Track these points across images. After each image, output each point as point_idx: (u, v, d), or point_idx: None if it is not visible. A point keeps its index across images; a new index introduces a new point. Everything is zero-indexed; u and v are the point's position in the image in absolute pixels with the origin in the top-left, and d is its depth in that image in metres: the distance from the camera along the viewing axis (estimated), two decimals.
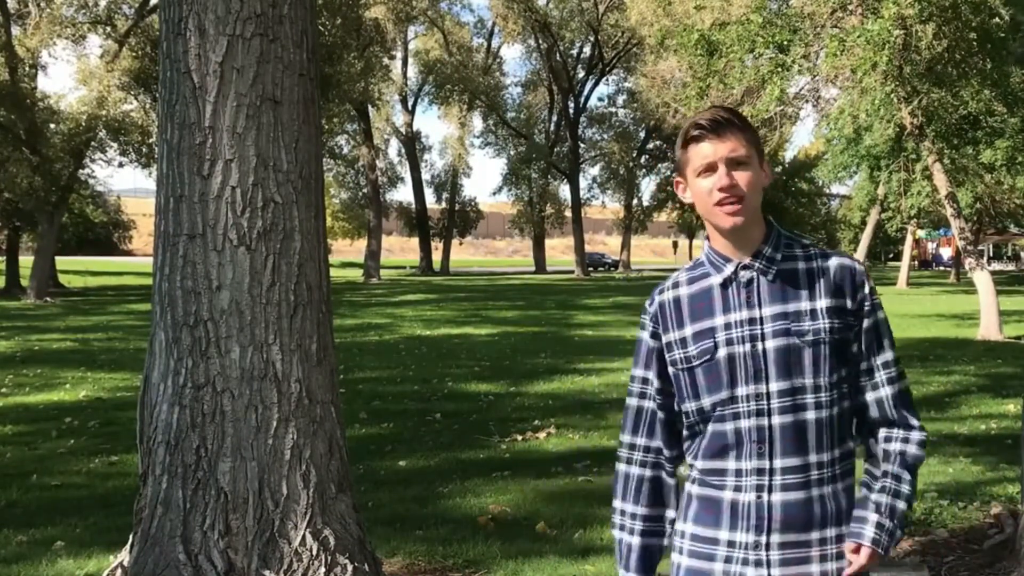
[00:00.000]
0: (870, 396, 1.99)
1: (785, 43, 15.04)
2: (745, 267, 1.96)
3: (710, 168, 1.92)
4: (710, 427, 1.97)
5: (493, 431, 8.15)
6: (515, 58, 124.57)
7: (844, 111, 15.73)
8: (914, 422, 2.01)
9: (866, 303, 1.98)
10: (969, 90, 15.82)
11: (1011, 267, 65.89)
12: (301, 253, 3.79)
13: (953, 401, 9.54)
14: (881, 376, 1.99)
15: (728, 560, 1.94)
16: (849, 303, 1.96)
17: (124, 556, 3.82)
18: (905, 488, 1.96)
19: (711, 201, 1.93)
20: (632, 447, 2.10)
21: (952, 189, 17.57)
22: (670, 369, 2.02)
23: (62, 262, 39.13)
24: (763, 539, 1.91)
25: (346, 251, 66.55)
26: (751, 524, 1.92)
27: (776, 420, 1.91)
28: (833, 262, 1.98)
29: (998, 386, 10.48)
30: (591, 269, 56.97)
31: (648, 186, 57.86)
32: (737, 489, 1.93)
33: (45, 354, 13.93)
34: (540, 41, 51.27)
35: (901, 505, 1.96)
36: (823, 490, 1.93)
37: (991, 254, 59.37)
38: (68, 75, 76.75)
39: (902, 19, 13.96)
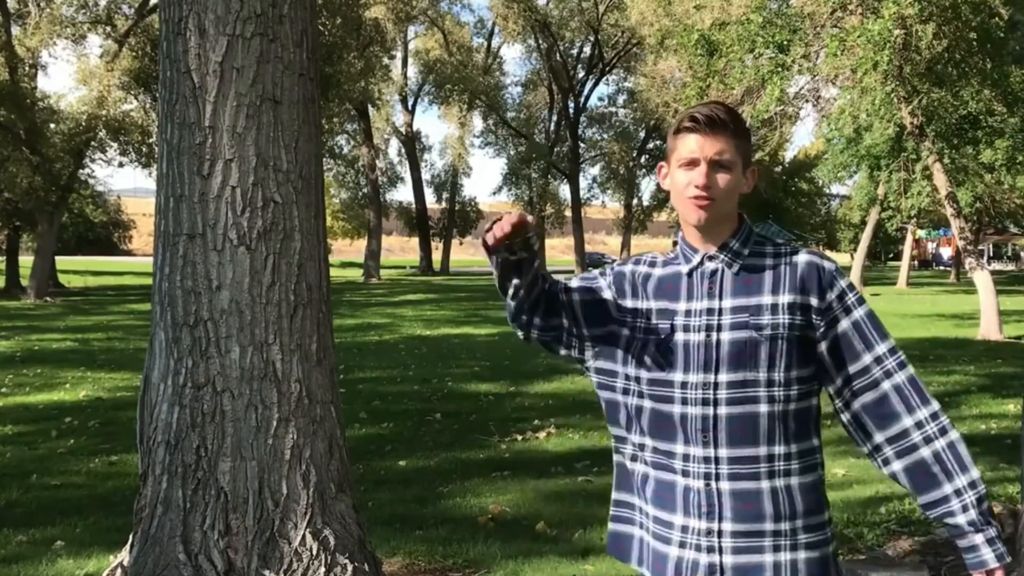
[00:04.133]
0: (872, 395, 1.94)
1: (785, 43, 15.04)
2: (711, 258, 1.98)
3: (692, 163, 1.94)
4: (650, 404, 1.98)
5: (493, 431, 8.15)
6: (515, 58, 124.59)
7: (844, 111, 15.73)
8: (935, 404, 1.94)
9: (845, 299, 1.96)
10: (969, 90, 15.82)
11: (1011, 267, 65.88)
12: (301, 253, 3.79)
13: (953, 401, 9.54)
14: (879, 370, 1.94)
15: (682, 545, 1.94)
16: (815, 301, 1.94)
17: (124, 556, 3.82)
18: (979, 489, 1.89)
19: (685, 194, 1.95)
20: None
21: (952, 189, 17.57)
22: (614, 327, 2.04)
23: (62, 262, 39.14)
24: (715, 526, 1.91)
25: (346, 251, 66.55)
26: (702, 511, 1.92)
27: (723, 410, 1.91)
28: (801, 259, 1.98)
29: (998, 386, 10.49)
30: (591, 269, 56.88)
31: (648, 186, 57.84)
32: (686, 474, 1.94)
33: (45, 354, 13.93)
34: (540, 41, 51.25)
35: (987, 505, 1.90)
36: (776, 483, 1.91)
37: (991, 254, 59.36)
38: (68, 75, 76.79)
39: (902, 19, 13.96)
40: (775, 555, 1.90)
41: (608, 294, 2.08)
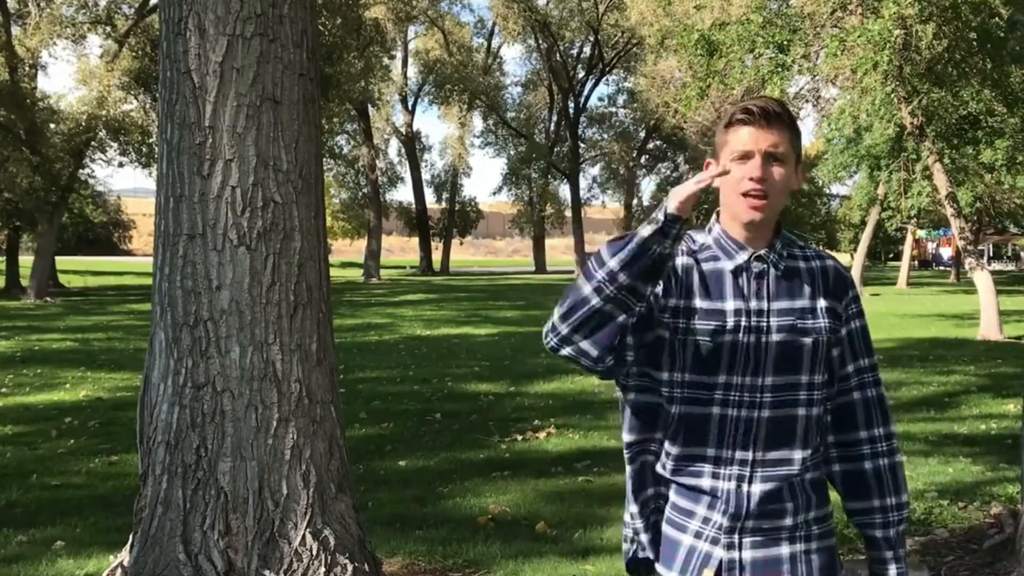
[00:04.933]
0: (852, 397, 2.01)
1: (785, 43, 15.03)
2: (759, 258, 1.94)
3: (746, 156, 1.89)
4: (688, 409, 1.94)
5: (493, 431, 8.15)
6: (515, 58, 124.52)
7: (844, 111, 15.74)
8: (893, 428, 2.05)
9: (851, 308, 2.00)
10: (969, 90, 15.82)
11: (1011, 267, 65.86)
12: (301, 253, 3.79)
13: (953, 401, 9.54)
14: (856, 381, 2.01)
15: (698, 535, 1.95)
16: (840, 307, 1.98)
17: (124, 556, 3.82)
18: (904, 513, 2.02)
19: (739, 189, 1.89)
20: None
21: (952, 189, 17.56)
22: (659, 331, 1.95)
23: (62, 262, 39.13)
24: (738, 524, 1.92)
25: (346, 251, 66.52)
26: (728, 511, 1.93)
27: (766, 413, 1.91)
28: (829, 264, 2.00)
29: (998, 386, 10.48)
30: None
31: (648, 186, 57.84)
32: (716, 476, 1.93)
33: (45, 354, 13.93)
34: (540, 41, 51.24)
35: (903, 527, 2.03)
36: (800, 484, 1.96)
37: (991, 254, 59.34)
38: (68, 75, 76.79)
39: (902, 19, 13.96)
40: (791, 546, 1.94)
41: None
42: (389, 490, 6.15)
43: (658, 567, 2.03)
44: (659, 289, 1.92)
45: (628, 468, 2.05)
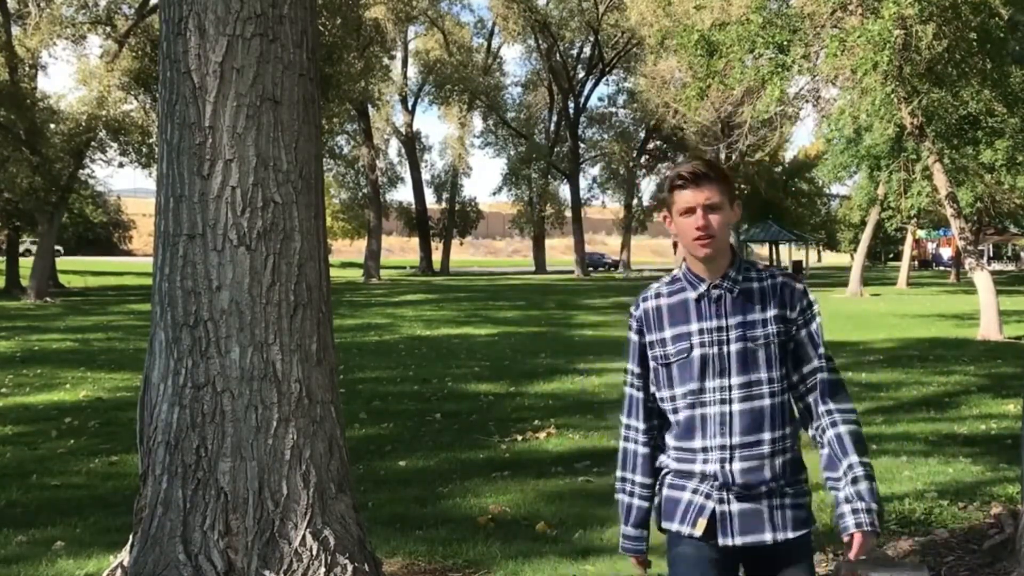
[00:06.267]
0: (815, 382, 2.48)
1: (785, 43, 15.02)
2: (715, 286, 2.46)
3: (690, 211, 2.42)
4: (682, 414, 2.47)
5: (493, 431, 8.15)
6: (515, 58, 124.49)
7: (844, 111, 15.72)
8: (850, 403, 2.50)
9: (806, 313, 2.48)
10: (969, 90, 15.81)
11: (1011, 267, 65.87)
12: (301, 253, 3.78)
13: (953, 401, 9.53)
14: (822, 366, 2.48)
15: (695, 492, 2.47)
16: (790, 313, 2.47)
17: (124, 556, 3.82)
18: (861, 470, 2.42)
19: (690, 236, 2.42)
20: (628, 427, 2.61)
21: (952, 189, 17.56)
22: (651, 363, 2.53)
23: (62, 262, 39.15)
24: (725, 493, 2.43)
25: (346, 251, 66.51)
26: (717, 483, 2.43)
27: (736, 407, 2.42)
28: (779, 281, 2.49)
29: (998, 386, 10.48)
30: (591, 269, 56.95)
31: (648, 186, 57.85)
32: (704, 462, 2.45)
33: (45, 354, 13.93)
34: (540, 41, 51.25)
35: (864, 484, 2.41)
36: (775, 459, 2.43)
37: (991, 254, 59.34)
38: (68, 75, 76.69)
39: (902, 19, 13.95)
40: (769, 501, 2.44)
41: (640, 354, 2.56)
42: (389, 490, 6.15)
43: (664, 524, 2.53)
44: (641, 332, 2.54)
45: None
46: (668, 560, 2.53)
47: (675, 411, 2.48)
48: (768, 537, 2.43)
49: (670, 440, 2.50)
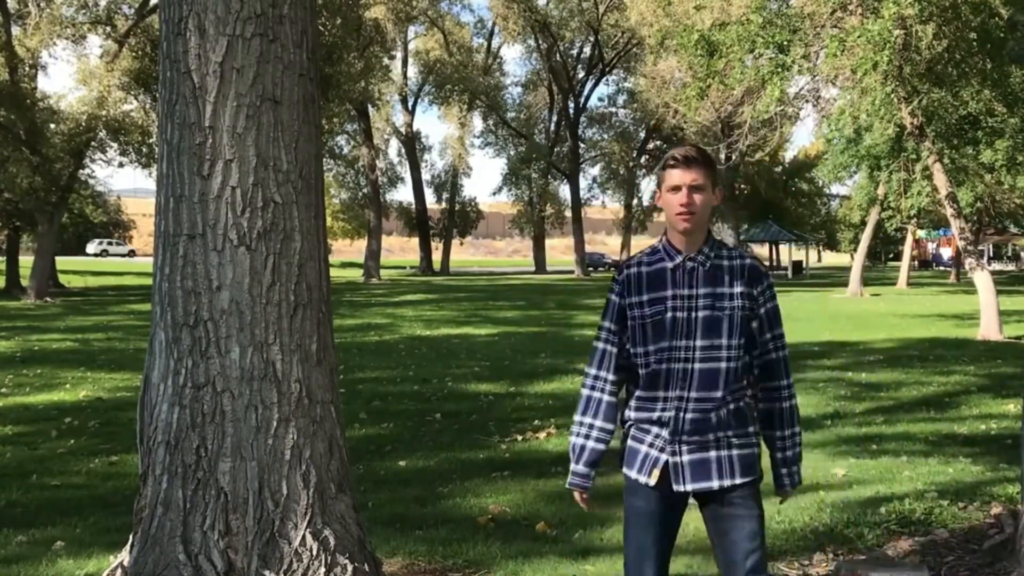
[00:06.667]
0: (767, 358, 2.87)
1: (785, 43, 15.02)
2: (690, 259, 2.81)
3: (676, 188, 2.78)
4: (651, 368, 2.82)
5: (493, 431, 8.15)
6: (515, 58, 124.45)
7: (844, 111, 15.72)
8: (791, 380, 2.93)
9: (766, 293, 2.86)
10: (969, 90, 15.82)
11: (1011, 267, 65.87)
12: (301, 253, 3.78)
13: (953, 401, 9.53)
14: (775, 344, 2.88)
15: (651, 445, 2.84)
16: (754, 291, 2.83)
17: (124, 556, 3.82)
18: (797, 439, 2.93)
19: (675, 211, 2.79)
20: (597, 378, 2.93)
21: (952, 189, 17.56)
22: (629, 322, 2.87)
23: (62, 262, 39.13)
24: (677, 438, 2.80)
25: (346, 251, 66.54)
26: (671, 430, 2.81)
27: (697, 366, 2.78)
28: (747, 263, 2.85)
29: (998, 386, 10.48)
30: (591, 269, 56.97)
31: (648, 186, 57.85)
32: (664, 409, 2.82)
33: (45, 354, 13.93)
34: (540, 41, 51.25)
35: (793, 451, 2.93)
36: (721, 412, 2.79)
37: (991, 254, 59.33)
38: (68, 75, 76.69)
39: (902, 19, 13.95)
40: (717, 451, 2.80)
41: (618, 314, 2.89)
42: (389, 490, 6.15)
43: (624, 469, 2.91)
44: (622, 295, 2.87)
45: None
46: (625, 504, 2.92)
47: (647, 365, 2.82)
48: (716, 484, 2.79)
49: (636, 391, 2.87)
